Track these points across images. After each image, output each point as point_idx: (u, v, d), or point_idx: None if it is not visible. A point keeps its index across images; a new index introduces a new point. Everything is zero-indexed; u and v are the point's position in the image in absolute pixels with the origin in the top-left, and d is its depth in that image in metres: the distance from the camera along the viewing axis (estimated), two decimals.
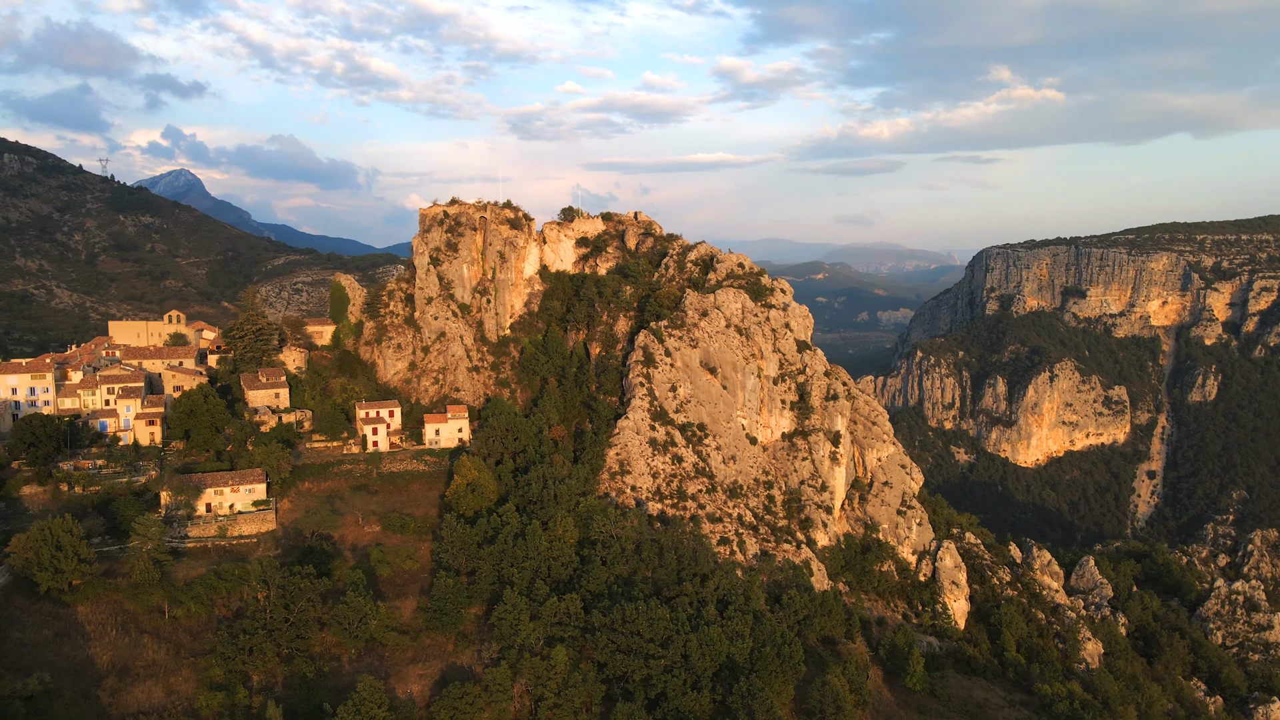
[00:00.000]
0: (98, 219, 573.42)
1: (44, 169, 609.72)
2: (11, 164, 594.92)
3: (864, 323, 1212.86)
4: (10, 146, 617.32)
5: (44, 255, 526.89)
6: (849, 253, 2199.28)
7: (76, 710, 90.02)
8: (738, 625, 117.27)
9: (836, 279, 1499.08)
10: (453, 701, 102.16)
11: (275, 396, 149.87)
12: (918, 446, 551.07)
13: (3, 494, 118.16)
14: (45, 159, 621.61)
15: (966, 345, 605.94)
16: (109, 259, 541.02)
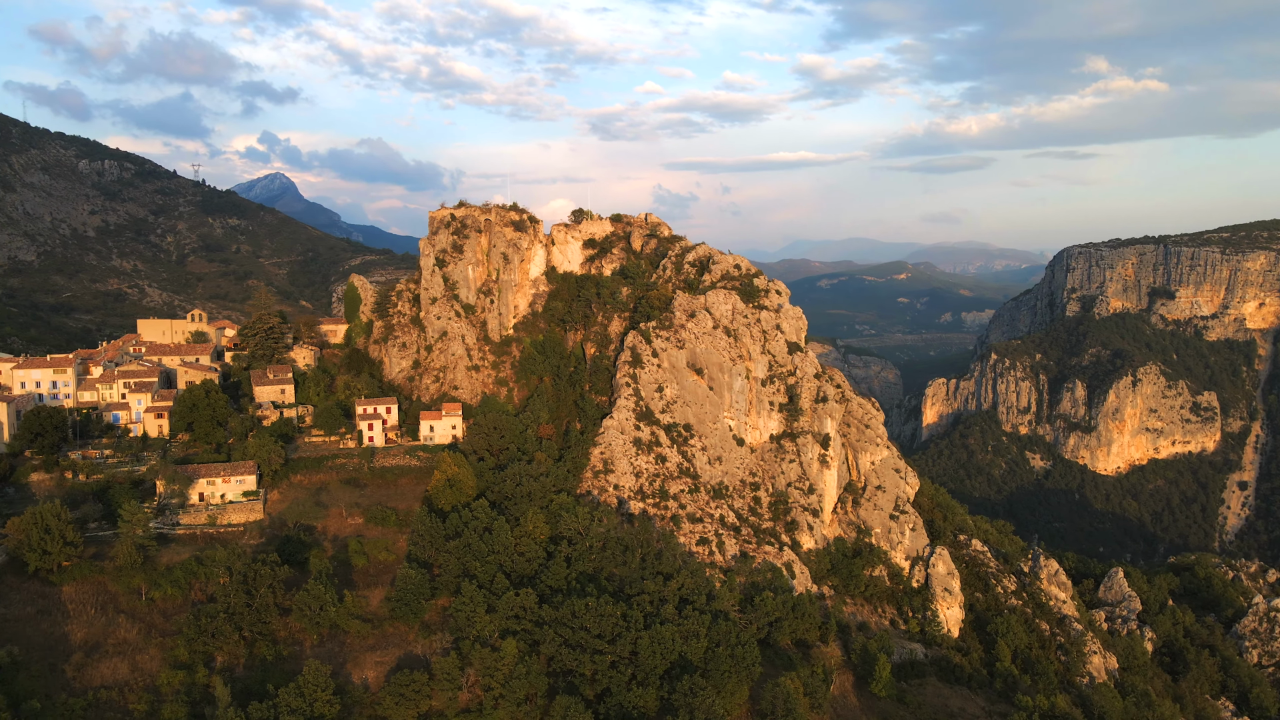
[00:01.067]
0: (189, 221, 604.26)
1: (141, 174, 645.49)
2: (111, 170, 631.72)
3: (946, 324, 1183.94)
4: (111, 153, 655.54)
5: (138, 256, 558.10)
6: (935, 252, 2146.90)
7: (40, 682, 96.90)
8: (693, 625, 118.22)
9: (919, 279, 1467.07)
10: (399, 688, 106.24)
11: (281, 393, 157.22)
12: (990, 451, 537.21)
13: (12, 480, 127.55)
14: (143, 165, 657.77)
15: (1044, 347, 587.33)
16: (197, 260, 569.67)
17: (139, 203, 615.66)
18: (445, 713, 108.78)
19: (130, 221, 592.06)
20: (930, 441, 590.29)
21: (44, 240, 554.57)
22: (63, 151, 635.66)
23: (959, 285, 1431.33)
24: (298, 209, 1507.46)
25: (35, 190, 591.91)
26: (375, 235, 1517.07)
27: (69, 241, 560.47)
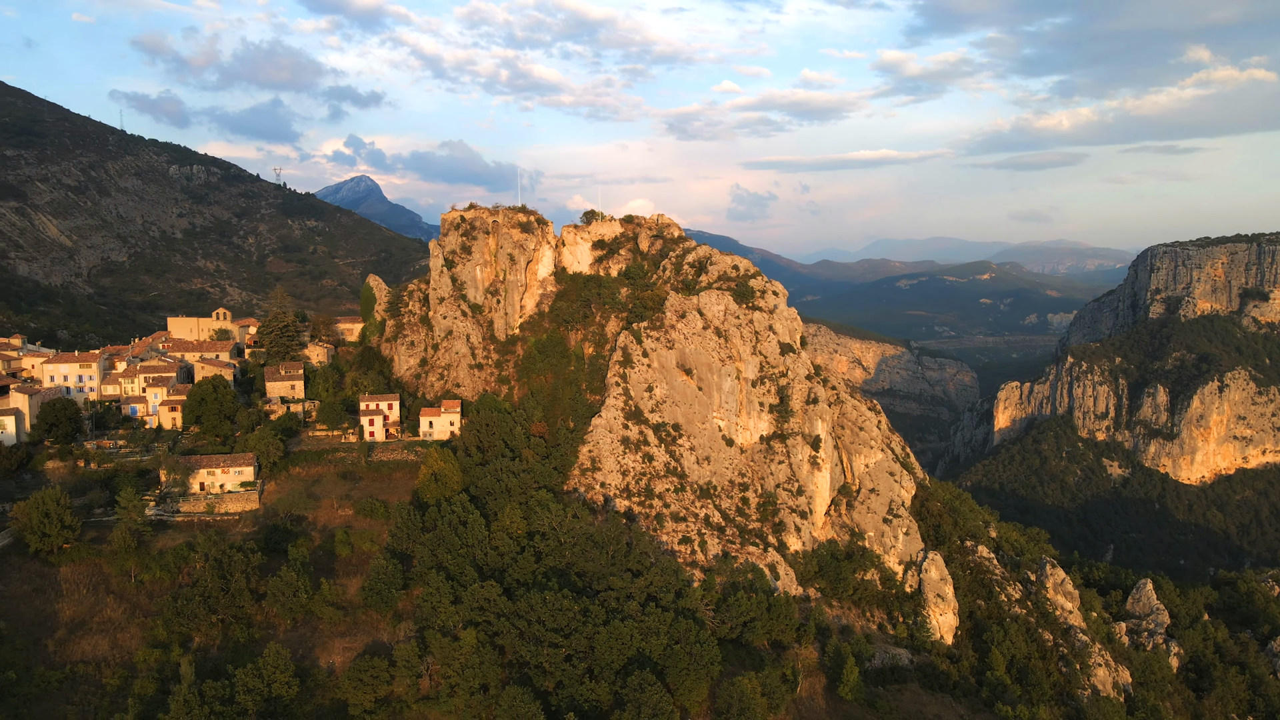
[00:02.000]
0: (269, 223, 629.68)
1: (227, 178, 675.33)
2: (199, 174, 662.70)
3: (1031, 326, 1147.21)
4: (200, 159, 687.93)
5: (221, 257, 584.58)
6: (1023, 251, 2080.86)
7: (22, 655, 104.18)
8: (653, 622, 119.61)
9: (1004, 279, 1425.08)
10: (358, 673, 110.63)
11: (291, 388, 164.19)
12: (1064, 458, 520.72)
13: (29, 467, 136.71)
14: (228, 169, 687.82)
15: (1125, 351, 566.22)
16: (276, 260, 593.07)
17: (224, 205, 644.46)
18: (405, 699, 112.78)
19: (215, 224, 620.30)
20: (1001, 447, 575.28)
21: (135, 242, 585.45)
22: (155, 157, 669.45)
23: (1046, 286, 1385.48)
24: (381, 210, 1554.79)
25: (128, 194, 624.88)
26: None
27: (158, 243, 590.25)
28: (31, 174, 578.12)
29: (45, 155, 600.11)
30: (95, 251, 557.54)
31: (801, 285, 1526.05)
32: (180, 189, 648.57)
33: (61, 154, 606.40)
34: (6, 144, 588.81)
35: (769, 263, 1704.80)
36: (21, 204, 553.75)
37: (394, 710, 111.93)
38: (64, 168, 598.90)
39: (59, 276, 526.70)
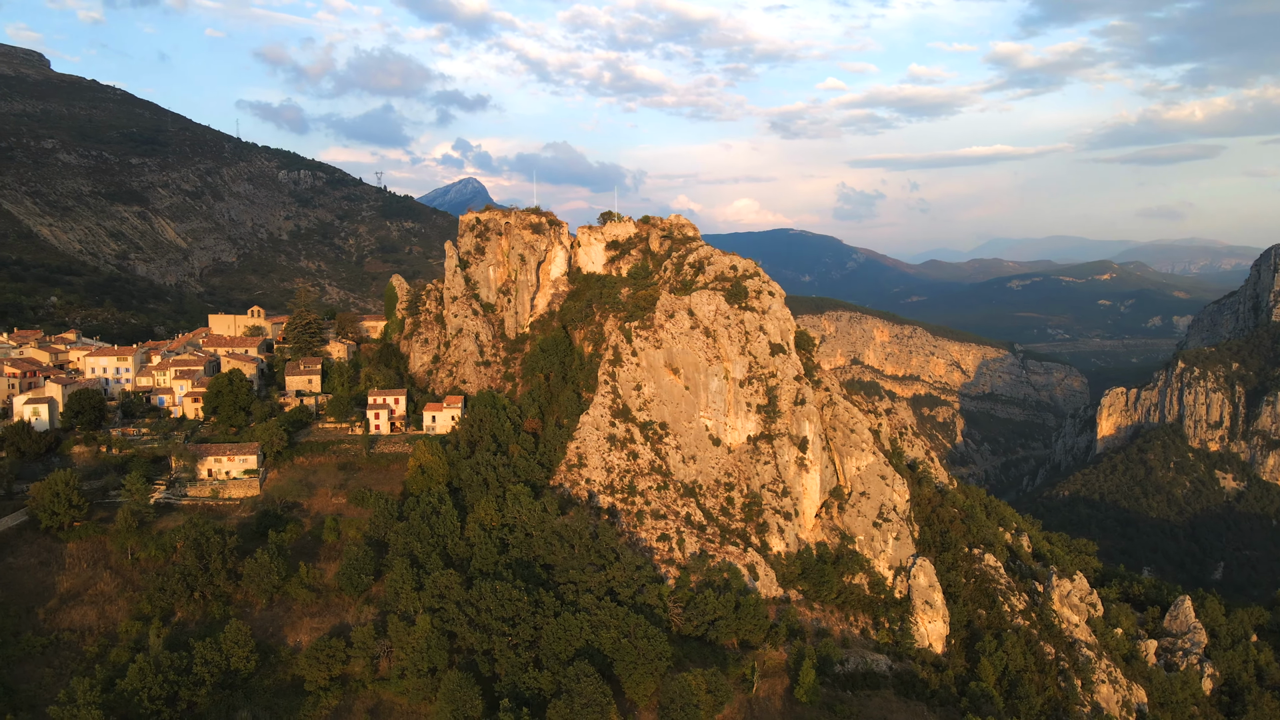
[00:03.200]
0: (369, 225, 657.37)
1: (331, 182, 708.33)
2: (306, 179, 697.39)
3: (1154, 329, 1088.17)
4: (307, 164, 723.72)
5: (322, 257, 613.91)
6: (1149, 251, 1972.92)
7: (13, 622, 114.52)
8: (605, 615, 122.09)
9: (1126, 280, 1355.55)
10: (315, 652, 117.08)
11: (308, 382, 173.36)
12: (1172, 469, 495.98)
13: (58, 451, 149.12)
14: (333, 174, 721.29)
15: (1243, 356, 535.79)
16: (373, 260, 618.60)
17: (327, 208, 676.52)
18: (363, 678, 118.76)
19: (318, 226, 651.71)
20: (1104, 455, 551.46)
21: (244, 243, 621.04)
22: (266, 163, 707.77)
23: (1173, 287, 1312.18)
24: None
25: (240, 198, 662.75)
26: None
27: (265, 244, 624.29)
28: (154, 180, 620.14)
29: (167, 163, 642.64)
30: (207, 252, 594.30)
31: (907, 285, 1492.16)
32: (288, 193, 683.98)
33: (181, 161, 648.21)
34: (132, 152, 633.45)
35: (873, 263, 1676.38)
36: (143, 208, 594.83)
37: (350, 689, 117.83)
38: (183, 174, 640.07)
39: (173, 276, 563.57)
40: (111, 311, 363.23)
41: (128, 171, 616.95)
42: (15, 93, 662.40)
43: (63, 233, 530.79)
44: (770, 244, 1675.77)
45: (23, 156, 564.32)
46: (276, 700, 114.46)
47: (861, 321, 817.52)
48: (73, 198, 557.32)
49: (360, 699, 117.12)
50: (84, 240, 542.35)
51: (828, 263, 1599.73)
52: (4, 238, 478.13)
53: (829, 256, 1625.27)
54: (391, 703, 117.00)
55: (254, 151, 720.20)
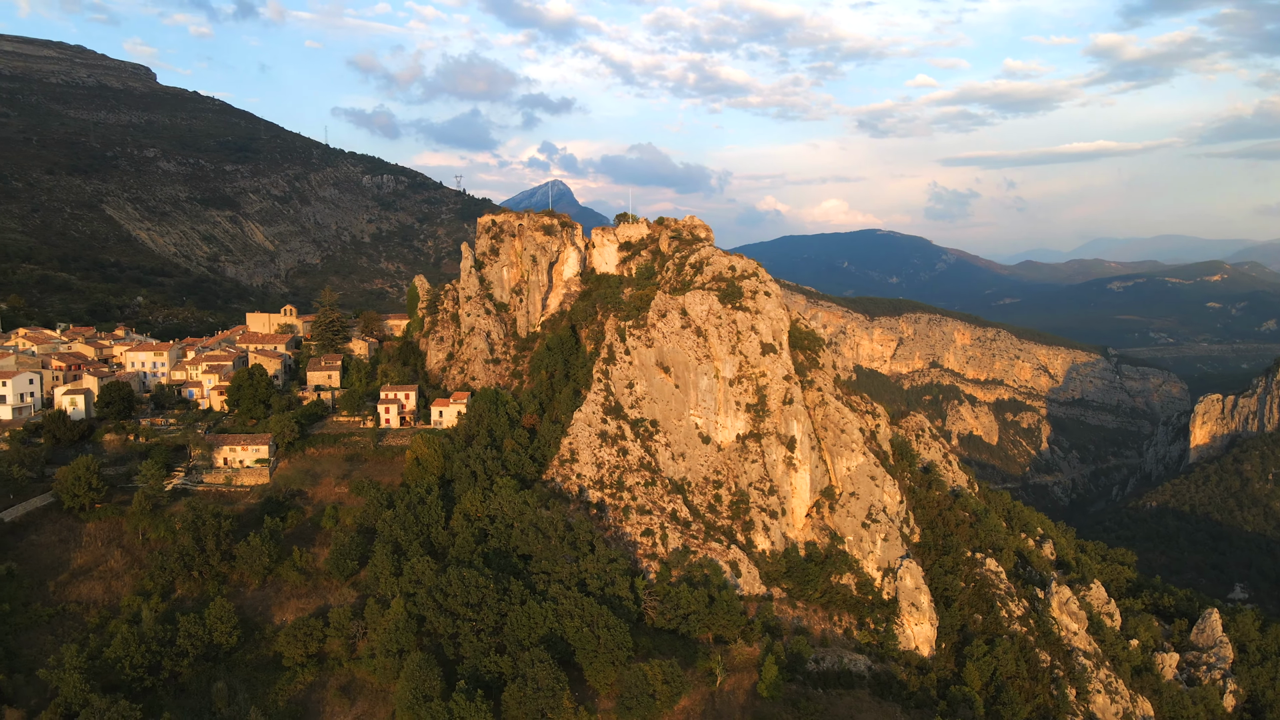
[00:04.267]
0: (447, 227, 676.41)
1: (413, 186, 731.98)
2: (388, 183, 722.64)
3: (1269, 333, 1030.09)
4: (390, 168, 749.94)
5: (401, 259, 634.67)
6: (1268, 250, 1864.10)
7: (24, 592, 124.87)
8: (569, 605, 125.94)
9: (1239, 281, 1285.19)
10: (294, 630, 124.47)
11: (328, 378, 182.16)
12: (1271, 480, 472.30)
13: (91, 439, 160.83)
14: (414, 178, 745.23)
15: None
16: (450, 262, 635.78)
17: (408, 211, 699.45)
18: (340, 657, 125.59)
19: (399, 228, 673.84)
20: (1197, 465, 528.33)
21: (328, 246, 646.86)
22: (351, 168, 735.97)
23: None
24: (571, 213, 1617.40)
25: (326, 203, 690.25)
26: None
27: (348, 246, 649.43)
28: (245, 186, 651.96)
29: (258, 169, 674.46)
30: (293, 254, 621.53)
31: (1000, 287, 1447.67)
32: (371, 196, 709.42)
33: (272, 167, 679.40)
34: (227, 160, 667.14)
35: (964, 264, 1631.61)
36: (235, 213, 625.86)
37: (326, 667, 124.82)
38: (273, 180, 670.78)
39: (260, 278, 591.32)
40: (191, 310, 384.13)
41: (222, 178, 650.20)
42: (123, 105, 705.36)
43: (159, 236, 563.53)
44: (857, 245, 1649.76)
45: (126, 165, 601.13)
46: (256, 674, 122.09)
47: (941, 324, 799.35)
48: (170, 203, 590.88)
49: (335, 676, 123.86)
50: (179, 243, 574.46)
51: (916, 263, 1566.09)
52: (105, 241, 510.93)
53: (917, 257, 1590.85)
54: (363, 681, 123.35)
55: (340, 157, 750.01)
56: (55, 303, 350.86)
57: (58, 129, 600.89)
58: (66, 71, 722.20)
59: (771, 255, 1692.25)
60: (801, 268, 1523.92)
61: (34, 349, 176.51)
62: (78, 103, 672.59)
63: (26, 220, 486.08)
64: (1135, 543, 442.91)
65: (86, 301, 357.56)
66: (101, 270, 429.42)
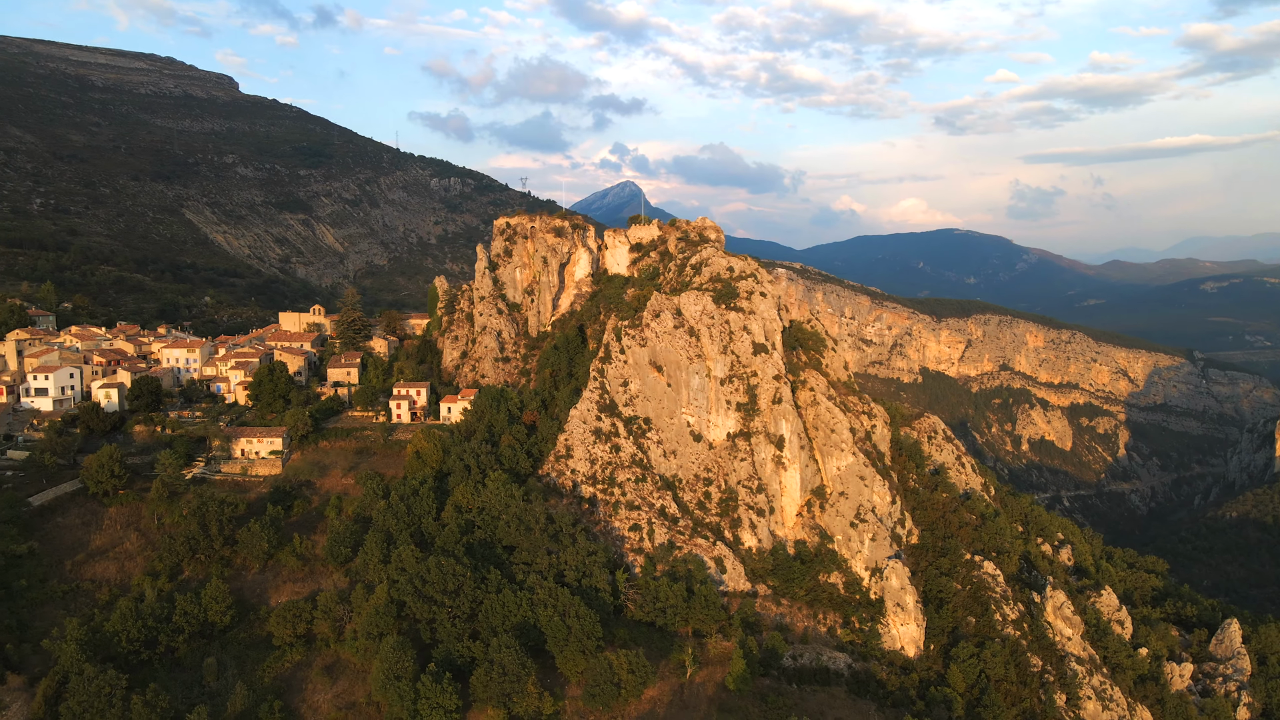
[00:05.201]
0: None
1: (479, 188, 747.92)
2: (455, 186, 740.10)
3: None
4: (457, 171, 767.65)
5: (465, 259, 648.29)
6: None
7: (42, 569, 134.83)
8: (543, 595, 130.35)
9: None
10: (284, 612, 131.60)
11: (347, 374, 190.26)
12: None
13: (123, 430, 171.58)
14: (481, 180, 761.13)
15: None
16: None
17: (474, 213, 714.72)
18: (327, 639, 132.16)
19: (464, 230, 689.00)
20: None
21: (395, 247, 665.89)
22: (420, 172, 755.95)
23: None
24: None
25: (394, 205, 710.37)
26: None
27: (414, 248, 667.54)
28: (318, 190, 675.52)
29: (330, 173, 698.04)
30: (361, 256, 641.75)
31: (1084, 288, 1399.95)
32: (438, 199, 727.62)
33: (343, 172, 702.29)
34: (301, 165, 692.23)
35: (1046, 264, 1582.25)
36: (307, 216, 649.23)
37: (314, 647, 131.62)
38: (344, 184, 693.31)
39: (329, 278, 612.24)
40: (255, 310, 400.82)
41: (296, 182, 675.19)
42: (206, 113, 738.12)
43: (235, 239, 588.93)
44: (934, 245, 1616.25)
45: (206, 171, 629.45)
46: (247, 652, 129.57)
47: (1012, 325, 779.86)
48: (246, 207, 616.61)
49: (321, 656, 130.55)
50: (252, 246, 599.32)
51: (995, 264, 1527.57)
52: (183, 244, 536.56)
53: (996, 257, 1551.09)
54: (347, 661, 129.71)
55: (409, 161, 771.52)
56: (129, 302, 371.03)
57: (145, 137, 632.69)
58: (155, 82, 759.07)
59: (845, 256, 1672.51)
60: (876, 268, 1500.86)
61: (79, 345, 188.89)
62: (164, 112, 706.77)
63: (112, 224, 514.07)
64: (1212, 554, 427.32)
65: (158, 301, 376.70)
66: (177, 272, 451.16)
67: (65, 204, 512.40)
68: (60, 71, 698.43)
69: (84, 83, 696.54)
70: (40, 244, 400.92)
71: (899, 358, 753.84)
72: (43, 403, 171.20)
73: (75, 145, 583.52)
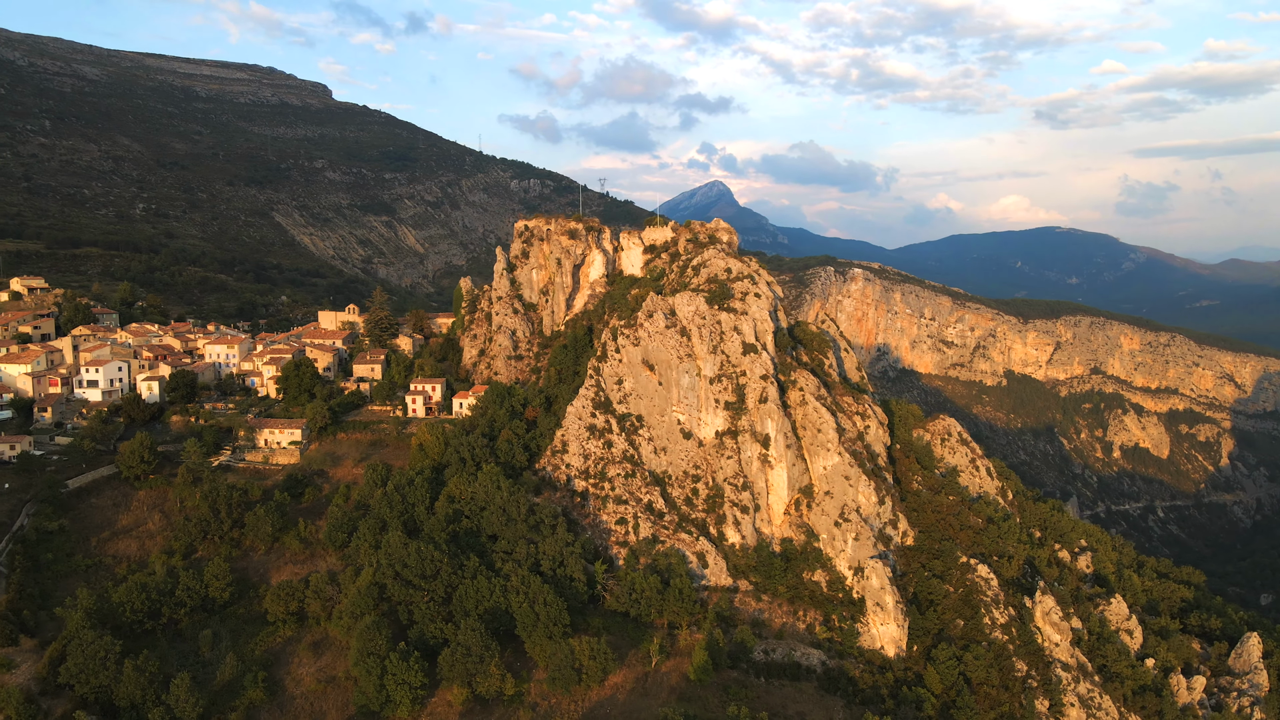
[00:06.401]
0: None
1: (558, 189, 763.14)
2: (534, 187, 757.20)
3: None
4: (537, 173, 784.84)
5: None
6: None
7: (69, 544, 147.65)
8: (516, 582, 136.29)
9: None
10: (278, 590, 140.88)
11: (371, 370, 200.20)
12: None
13: (161, 419, 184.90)
14: (560, 181, 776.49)
15: None
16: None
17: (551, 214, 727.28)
18: (318, 617, 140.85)
19: None
20: None
21: (473, 248, 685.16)
22: (501, 174, 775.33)
23: None
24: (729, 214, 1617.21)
25: (474, 207, 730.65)
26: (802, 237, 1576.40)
27: (491, 248, 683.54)
28: (401, 193, 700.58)
29: (414, 177, 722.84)
30: (441, 256, 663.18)
31: (1197, 288, 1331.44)
32: (518, 200, 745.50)
33: (427, 175, 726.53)
34: (386, 168, 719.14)
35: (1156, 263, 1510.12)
36: (390, 218, 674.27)
37: (306, 625, 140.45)
38: (427, 186, 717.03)
39: (409, 278, 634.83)
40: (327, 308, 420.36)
41: (381, 185, 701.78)
42: (300, 120, 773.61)
43: (320, 241, 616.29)
44: (1033, 243, 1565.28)
45: (297, 175, 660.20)
46: (243, 626, 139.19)
47: (1105, 327, 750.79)
48: (332, 210, 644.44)
49: (311, 633, 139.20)
50: (337, 247, 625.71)
51: (1099, 263, 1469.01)
52: (271, 245, 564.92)
53: (1101, 256, 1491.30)
54: (334, 638, 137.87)
55: (491, 163, 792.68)
56: (211, 301, 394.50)
57: (241, 144, 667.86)
58: (254, 92, 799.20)
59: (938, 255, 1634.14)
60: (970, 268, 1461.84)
61: (130, 341, 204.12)
62: (261, 119, 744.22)
63: (206, 227, 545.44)
64: None
65: (238, 300, 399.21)
66: (261, 272, 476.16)
67: (165, 209, 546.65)
68: (168, 84, 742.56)
69: (189, 93, 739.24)
70: (135, 246, 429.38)
71: (982, 360, 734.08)
72: (93, 394, 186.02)
73: (178, 153, 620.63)
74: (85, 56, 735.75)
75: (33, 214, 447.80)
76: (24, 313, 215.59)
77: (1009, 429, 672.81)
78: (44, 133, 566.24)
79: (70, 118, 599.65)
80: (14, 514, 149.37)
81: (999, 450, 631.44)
